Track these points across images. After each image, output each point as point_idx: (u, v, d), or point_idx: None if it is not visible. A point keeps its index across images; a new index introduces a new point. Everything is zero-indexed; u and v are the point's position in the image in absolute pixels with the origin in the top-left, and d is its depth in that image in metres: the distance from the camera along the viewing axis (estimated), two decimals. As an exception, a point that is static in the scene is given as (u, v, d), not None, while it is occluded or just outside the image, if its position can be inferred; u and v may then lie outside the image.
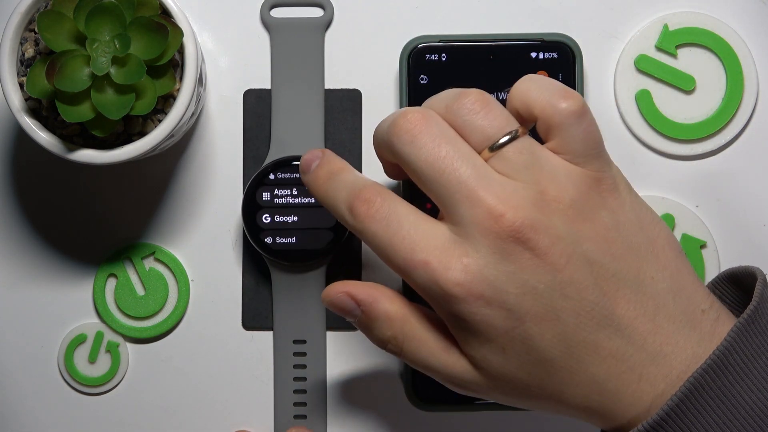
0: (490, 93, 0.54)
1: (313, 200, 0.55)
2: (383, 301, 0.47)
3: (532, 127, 0.46)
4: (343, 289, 0.48)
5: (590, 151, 0.45)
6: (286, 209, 0.55)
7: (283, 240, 0.55)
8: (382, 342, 0.47)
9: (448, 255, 0.44)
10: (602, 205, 0.45)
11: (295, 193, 0.55)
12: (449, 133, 0.45)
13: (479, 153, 0.45)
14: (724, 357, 0.43)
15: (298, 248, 0.55)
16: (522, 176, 0.45)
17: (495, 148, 0.45)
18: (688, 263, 0.47)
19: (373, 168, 0.57)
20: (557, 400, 0.45)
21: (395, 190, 0.56)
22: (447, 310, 0.45)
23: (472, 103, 0.46)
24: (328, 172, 0.48)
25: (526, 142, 0.45)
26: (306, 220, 0.55)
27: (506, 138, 0.45)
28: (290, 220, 0.55)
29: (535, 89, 0.46)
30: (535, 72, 0.55)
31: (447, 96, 0.47)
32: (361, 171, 0.57)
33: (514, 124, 0.46)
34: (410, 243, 0.45)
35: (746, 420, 0.43)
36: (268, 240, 0.55)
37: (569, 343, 0.44)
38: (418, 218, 0.46)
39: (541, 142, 0.46)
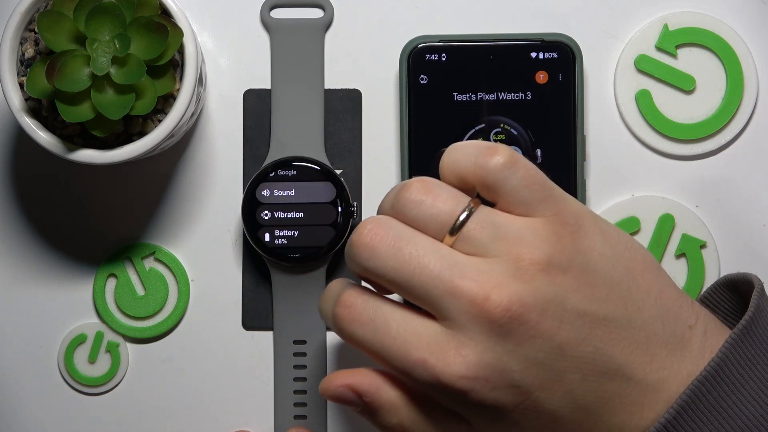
0: (490, 93, 0.55)
1: (313, 200, 0.55)
2: (385, 388, 0.46)
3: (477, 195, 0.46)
4: (343, 382, 0.46)
5: (539, 195, 0.45)
6: (286, 209, 0.55)
7: (283, 240, 0.55)
8: (387, 429, 0.47)
9: (444, 350, 0.43)
10: (575, 249, 0.44)
11: (295, 193, 0.55)
12: (406, 233, 0.44)
13: (441, 241, 0.44)
14: (719, 368, 0.43)
15: (298, 249, 0.55)
16: (491, 251, 0.44)
17: (455, 231, 0.44)
18: (668, 279, 0.46)
19: (373, 168, 0.57)
20: None
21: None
22: (456, 402, 0.44)
23: (416, 195, 0.45)
24: (324, 291, 0.47)
25: (482, 213, 0.45)
26: (306, 220, 0.55)
27: (463, 216, 0.44)
28: (290, 221, 0.55)
29: (461, 157, 0.45)
30: (534, 73, 0.55)
31: (391, 195, 0.46)
32: (360, 170, 0.57)
33: (464, 200, 0.45)
34: (402, 342, 0.44)
35: (744, 430, 0.43)
36: (268, 240, 0.55)
37: (576, 397, 0.44)
38: (405, 315, 0.45)
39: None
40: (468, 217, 0.44)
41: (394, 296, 0.47)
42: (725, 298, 0.49)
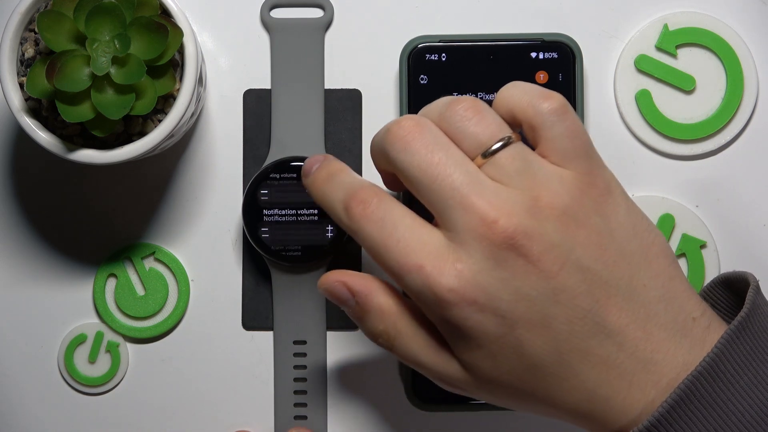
0: (491, 93, 0.55)
1: (313, 200, 0.55)
2: (378, 294, 0.47)
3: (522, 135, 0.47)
4: (339, 278, 0.48)
5: (578, 150, 0.46)
6: (286, 209, 0.55)
7: (283, 240, 0.55)
8: (373, 335, 0.48)
9: (442, 260, 0.44)
10: (595, 210, 0.45)
11: (295, 193, 0.55)
12: (442, 140, 0.46)
13: (472, 159, 0.45)
14: (714, 364, 0.44)
15: (299, 248, 0.55)
16: (515, 182, 0.45)
17: (488, 154, 0.45)
18: (681, 271, 0.47)
19: (373, 168, 0.57)
20: (547, 404, 0.45)
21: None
22: (439, 315, 0.45)
23: (465, 110, 0.46)
24: (327, 174, 0.48)
25: (519, 148, 0.45)
26: (306, 220, 0.55)
27: (499, 144, 0.45)
28: (290, 221, 0.55)
29: (516, 94, 0.47)
30: (534, 73, 0.55)
31: (440, 104, 0.47)
32: (360, 171, 0.57)
33: (506, 131, 0.46)
34: (404, 246, 0.45)
35: (737, 427, 0.43)
36: (268, 240, 0.55)
37: (560, 350, 0.44)
38: (414, 222, 0.46)
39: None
40: (504, 146, 0.45)
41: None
42: (722, 296, 0.49)
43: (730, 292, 0.49)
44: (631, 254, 0.45)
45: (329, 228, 0.55)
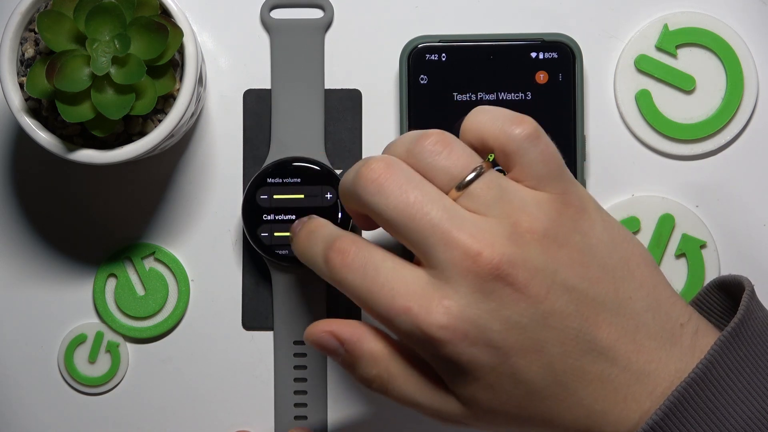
0: (491, 93, 0.55)
1: (312, 200, 0.55)
2: (367, 339, 0.47)
3: (493, 160, 0.46)
4: (326, 328, 0.47)
5: (552, 173, 0.45)
6: (286, 209, 0.55)
7: (283, 240, 0.55)
8: (366, 381, 0.47)
9: (429, 299, 0.44)
10: (574, 228, 0.45)
11: (295, 193, 0.55)
12: (415, 178, 0.45)
13: (447, 193, 0.45)
14: (707, 371, 0.44)
15: (298, 248, 0.55)
16: (493, 211, 0.45)
17: (462, 186, 0.45)
18: (663, 277, 0.47)
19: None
20: (547, 426, 0.45)
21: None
22: (433, 354, 0.45)
23: (434, 145, 0.45)
24: (308, 231, 0.48)
25: (492, 176, 0.45)
26: (306, 220, 0.55)
27: (472, 175, 0.45)
28: (290, 221, 0.55)
29: (486, 120, 0.46)
30: (534, 73, 0.55)
31: (407, 140, 0.46)
32: (361, 171, 0.57)
33: (477, 160, 0.45)
34: (389, 290, 0.45)
35: None
36: (268, 240, 0.55)
37: (555, 372, 0.44)
38: (395, 264, 0.45)
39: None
40: (478, 176, 0.45)
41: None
42: (717, 300, 0.49)
43: (725, 296, 0.49)
44: (614, 268, 0.45)
45: (329, 228, 0.55)
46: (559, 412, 0.45)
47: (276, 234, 0.55)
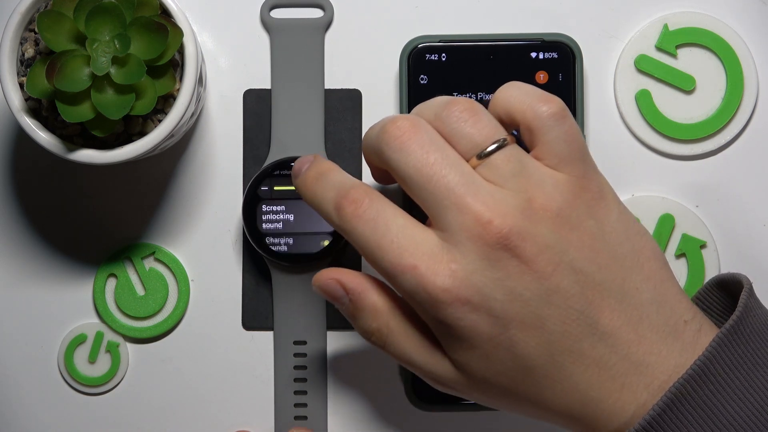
0: (490, 93, 0.55)
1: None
2: (372, 292, 0.47)
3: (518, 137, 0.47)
4: (334, 275, 0.48)
5: (574, 154, 0.46)
6: (287, 210, 0.55)
7: (283, 240, 0.55)
8: (366, 333, 0.48)
9: (436, 260, 0.44)
10: (589, 214, 0.45)
11: (296, 193, 0.55)
12: (438, 141, 0.46)
13: (467, 161, 0.46)
14: (705, 367, 0.44)
15: (298, 249, 0.55)
16: (510, 184, 0.45)
17: (483, 156, 0.45)
18: (672, 275, 0.47)
19: (373, 168, 0.57)
20: (539, 406, 0.46)
21: (395, 198, 0.56)
22: (433, 315, 0.45)
23: (461, 112, 0.46)
24: (317, 173, 0.48)
25: (514, 150, 0.46)
26: (306, 220, 0.55)
27: (494, 146, 0.45)
28: (290, 221, 0.55)
29: (516, 95, 0.47)
30: (534, 73, 0.55)
31: (436, 103, 0.47)
32: (360, 171, 0.57)
33: (502, 133, 0.46)
34: (398, 247, 0.45)
35: (728, 430, 0.43)
36: (268, 240, 0.55)
37: (553, 351, 0.44)
38: (407, 222, 0.46)
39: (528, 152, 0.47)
40: (499, 147, 0.45)
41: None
42: (717, 299, 0.49)
43: (725, 294, 0.49)
44: (624, 257, 0.45)
45: (329, 229, 0.55)
46: (552, 393, 0.45)
47: (276, 234, 0.55)
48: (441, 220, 0.45)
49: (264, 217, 0.55)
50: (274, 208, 0.55)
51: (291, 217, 0.55)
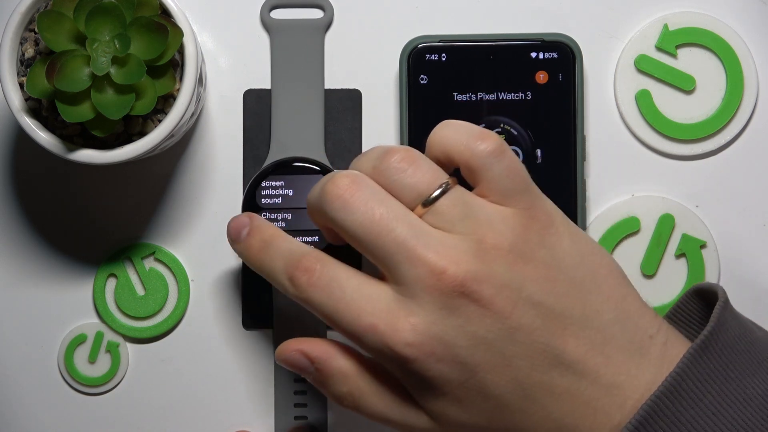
0: (490, 93, 0.55)
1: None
2: (337, 356, 0.47)
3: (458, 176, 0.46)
4: (296, 347, 0.48)
5: (518, 187, 0.45)
6: (286, 210, 0.55)
7: (283, 240, 0.55)
8: (338, 398, 0.47)
9: (395, 316, 0.44)
10: (541, 243, 0.45)
11: (295, 193, 0.55)
12: (380, 194, 0.45)
13: (413, 210, 0.45)
14: (677, 383, 0.43)
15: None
16: (458, 228, 0.45)
17: (428, 203, 0.45)
18: (632, 289, 0.47)
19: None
20: None
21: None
22: (401, 370, 0.45)
23: (399, 162, 0.46)
24: (261, 241, 0.48)
25: (458, 192, 0.45)
26: (306, 220, 0.55)
27: (438, 192, 0.45)
28: (290, 221, 0.55)
29: (451, 135, 0.46)
30: (534, 73, 0.55)
31: (373, 155, 0.46)
32: (361, 171, 0.57)
33: (443, 177, 0.46)
34: (355, 308, 0.45)
35: None
36: (268, 240, 0.55)
37: (524, 386, 0.44)
38: (361, 281, 0.45)
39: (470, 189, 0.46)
40: (443, 192, 0.45)
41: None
42: (695, 309, 0.49)
43: (703, 304, 0.49)
44: (581, 281, 0.45)
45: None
46: (529, 425, 0.45)
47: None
48: (395, 274, 0.45)
49: (264, 218, 0.55)
50: (274, 208, 0.55)
51: (290, 218, 0.55)
